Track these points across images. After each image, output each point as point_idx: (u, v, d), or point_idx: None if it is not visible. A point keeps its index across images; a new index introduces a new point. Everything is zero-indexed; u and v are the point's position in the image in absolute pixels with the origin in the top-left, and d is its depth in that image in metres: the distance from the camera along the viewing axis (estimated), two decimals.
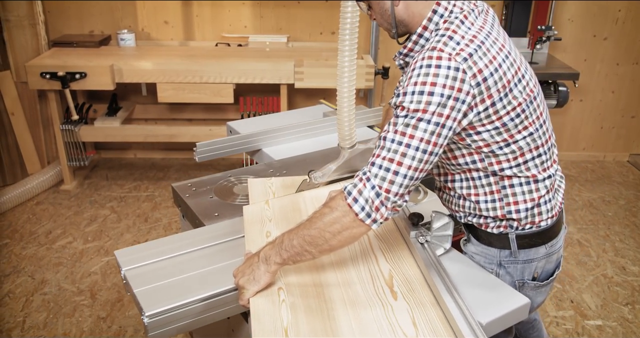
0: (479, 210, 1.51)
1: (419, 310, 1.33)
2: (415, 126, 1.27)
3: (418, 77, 1.28)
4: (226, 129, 2.54)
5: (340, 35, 1.65)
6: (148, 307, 1.33)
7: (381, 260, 1.52)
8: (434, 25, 1.38)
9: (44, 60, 3.68)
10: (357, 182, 1.31)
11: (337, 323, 1.29)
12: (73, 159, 3.93)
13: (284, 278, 1.43)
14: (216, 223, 1.71)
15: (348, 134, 1.78)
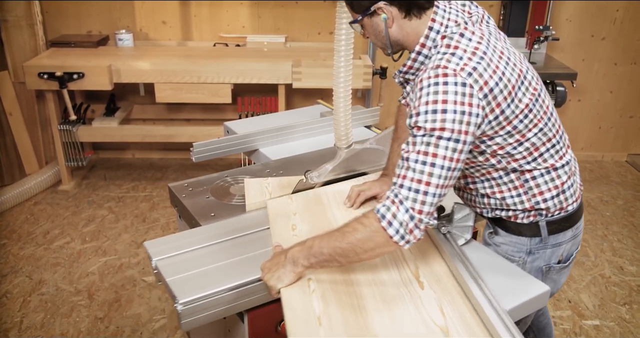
0: (506, 205, 1.57)
1: (446, 299, 1.37)
2: (436, 145, 1.29)
3: (428, 96, 1.30)
4: (223, 129, 2.54)
5: (336, 35, 1.65)
6: (181, 295, 1.37)
7: (406, 252, 1.56)
8: (432, 41, 1.41)
9: (41, 61, 3.68)
10: (390, 204, 1.33)
11: (367, 312, 1.32)
12: (71, 159, 3.93)
13: (313, 271, 1.46)
14: (238, 216, 1.75)
15: (344, 134, 1.78)
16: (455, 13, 1.44)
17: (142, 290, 2.92)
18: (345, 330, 1.26)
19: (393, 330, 1.27)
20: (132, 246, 3.31)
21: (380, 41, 1.49)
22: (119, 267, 3.11)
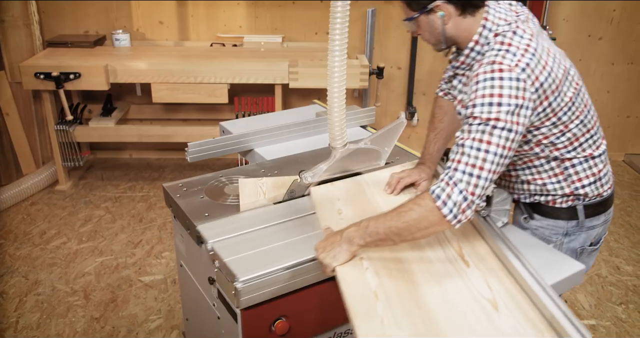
0: (547, 191, 1.71)
1: (491, 275, 1.45)
2: (490, 133, 1.40)
3: (485, 90, 1.42)
4: (219, 129, 2.54)
5: (330, 35, 1.64)
6: (240, 273, 1.45)
7: (448, 233, 1.63)
8: (484, 39, 1.53)
9: (38, 61, 3.68)
10: (444, 185, 1.41)
11: (419, 287, 1.40)
12: (68, 159, 3.93)
13: (363, 251, 1.51)
14: (283, 203, 1.83)
15: (339, 134, 1.77)
16: (504, 12, 1.54)
17: (138, 290, 2.92)
18: (401, 303, 1.34)
19: (445, 303, 1.36)
20: (129, 246, 3.31)
21: (435, 37, 1.60)
22: (115, 267, 3.11)
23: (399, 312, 1.32)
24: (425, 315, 1.31)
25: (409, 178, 1.86)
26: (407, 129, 4.53)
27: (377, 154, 1.96)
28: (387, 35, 4.24)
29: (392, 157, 2.10)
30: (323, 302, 1.63)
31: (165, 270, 3.08)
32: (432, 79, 4.40)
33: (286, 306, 1.56)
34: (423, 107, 4.47)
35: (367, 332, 1.25)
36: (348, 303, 1.33)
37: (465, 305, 1.35)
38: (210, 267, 1.62)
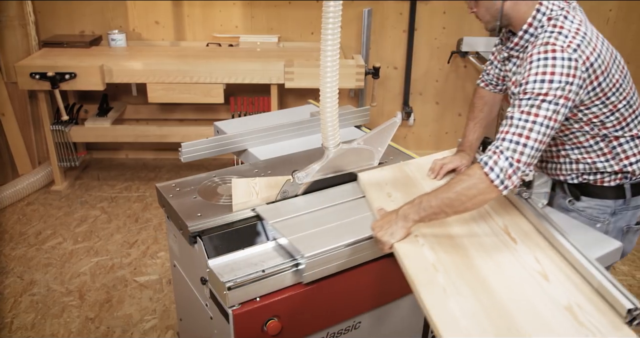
0: (596, 169, 1.81)
1: (539, 251, 1.55)
2: (538, 106, 1.51)
3: (538, 68, 1.54)
4: (213, 129, 2.54)
5: (323, 35, 1.64)
6: (305, 249, 1.53)
7: (493, 214, 1.73)
8: (538, 22, 1.64)
9: (33, 61, 3.68)
10: (491, 154, 1.52)
11: (473, 260, 1.50)
12: (63, 159, 3.92)
13: (417, 230, 1.61)
14: (331, 189, 1.92)
15: (331, 134, 1.78)
16: (557, 1, 1.66)
17: (134, 291, 2.91)
18: (459, 274, 1.44)
19: (499, 274, 1.45)
20: (124, 246, 3.30)
21: (491, 15, 1.70)
22: (111, 268, 3.11)
23: (458, 281, 1.42)
24: (483, 284, 1.41)
25: (451, 164, 1.95)
26: (404, 128, 4.53)
27: (370, 153, 1.96)
28: (383, 35, 4.25)
29: (386, 157, 2.10)
30: (315, 302, 1.64)
31: (161, 271, 3.07)
32: (428, 79, 4.40)
33: (278, 306, 1.56)
34: (419, 107, 4.48)
35: (432, 300, 1.35)
36: (410, 275, 1.44)
37: (519, 276, 1.45)
38: (203, 267, 1.63)
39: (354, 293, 1.71)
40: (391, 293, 1.84)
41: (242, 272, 1.52)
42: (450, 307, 1.33)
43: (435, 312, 1.32)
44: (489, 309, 1.33)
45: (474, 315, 1.31)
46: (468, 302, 1.35)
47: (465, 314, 1.31)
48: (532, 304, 1.36)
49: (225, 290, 1.47)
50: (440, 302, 1.35)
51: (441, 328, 1.27)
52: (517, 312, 1.33)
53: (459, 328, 1.27)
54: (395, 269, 1.76)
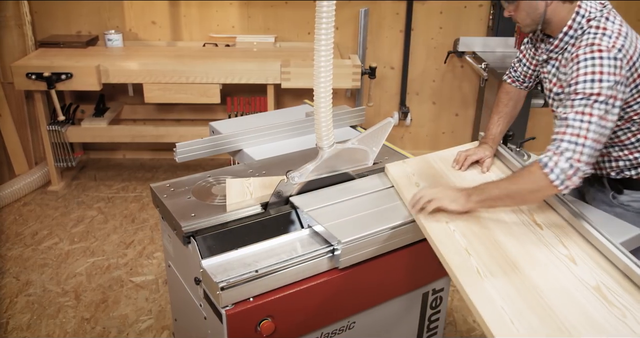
0: (637, 164, 1.85)
1: (564, 236, 1.63)
2: (592, 106, 1.57)
3: (586, 68, 1.60)
4: (209, 129, 2.54)
5: (316, 35, 1.64)
6: (341, 235, 1.60)
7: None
8: (577, 24, 1.69)
9: (30, 61, 3.68)
10: (552, 155, 1.58)
11: (503, 245, 1.57)
12: (60, 159, 3.92)
13: (445, 216, 1.69)
14: (358, 180, 1.98)
15: (326, 134, 1.78)
16: (594, 2, 1.70)
17: (130, 291, 2.91)
18: (490, 257, 1.52)
19: (528, 256, 1.53)
20: (121, 247, 3.30)
21: (532, 19, 1.74)
22: (107, 268, 3.10)
23: (490, 264, 1.49)
24: (513, 267, 1.49)
25: (475, 155, 2.02)
26: (401, 128, 4.53)
27: (365, 153, 1.96)
28: (380, 35, 4.25)
29: (381, 157, 2.10)
30: (309, 302, 1.64)
31: (157, 271, 3.07)
32: (425, 78, 4.40)
33: (272, 306, 1.56)
34: (416, 107, 4.48)
35: (468, 281, 1.43)
36: (446, 259, 1.51)
37: (547, 259, 1.53)
38: (196, 268, 1.62)
39: (348, 293, 1.71)
40: (386, 293, 1.84)
41: (235, 272, 1.52)
42: (486, 288, 1.41)
43: (472, 293, 1.39)
44: (522, 290, 1.40)
45: (508, 296, 1.38)
46: (501, 284, 1.42)
47: (500, 294, 1.38)
48: (562, 285, 1.43)
49: (219, 290, 1.47)
50: (476, 284, 1.42)
51: (480, 309, 1.34)
52: (548, 292, 1.40)
53: (495, 308, 1.34)
54: (388, 270, 1.77)
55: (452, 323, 2.74)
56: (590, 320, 1.32)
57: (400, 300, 1.91)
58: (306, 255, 1.60)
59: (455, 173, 2.00)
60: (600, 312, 1.34)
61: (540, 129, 4.23)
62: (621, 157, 1.86)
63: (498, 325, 1.29)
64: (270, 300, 1.55)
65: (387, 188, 1.93)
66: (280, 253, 1.62)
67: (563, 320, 1.31)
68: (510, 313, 1.33)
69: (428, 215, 1.69)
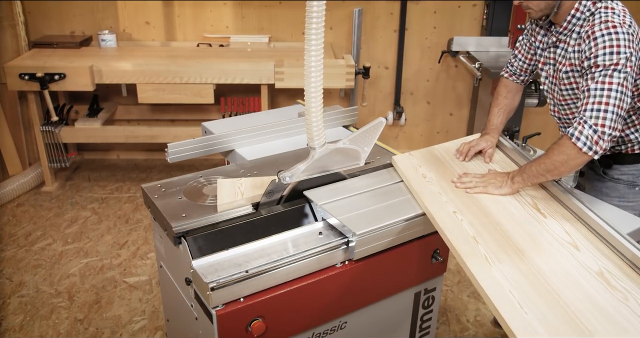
0: (629, 141, 1.97)
1: (567, 224, 1.70)
2: (611, 75, 1.70)
3: (605, 42, 1.72)
4: (201, 129, 2.53)
5: (306, 34, 1.64)
6: (355, 228, 1.64)
7: (522, 192, 1.87)
8: (584, 7, 1.82)
9: (23, 61, 3.67)
10: (576, 125, 1.71)
11: (508, 233, 1.64)
12: (54, 160, 3.91)
13: (452, 205, 1.77)
14: (371, 174, 2.03)
15: (317, 134, 1.77)
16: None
17: (123, 292, 2.91)
18: (497, 245, 1.58)
19: (533, 244, 1.60)
20: (114, 247, 3.30)
21: (548, 5, 1.85)
22: (100, 269, 3.10)
23: (497, 251, 1.56)
24: (519, 254, 1.55)
25: (477, 146, 2.10)
26: (395, 128, 4.54)
27: (356, 153, 1.95)
28: (374, 35, 4.25)
29: (372, 157, 2.10)
30: (300, 302, 1.64)
31: (151, 271, 3.07)
32: (419, 78, 4.41)
33: (262, 306, 1.56)
34: (410, 107, 4.48)
35: (477, 268, 1.49)
36: (455, 247, 1.58)
37: (551, 246, 1.60)
38: (187, 268, 1.62)
39: (340, 293, 1.71)
40: (377, 293, 1.84)
41: (225, 272, 1.52)
42: (494, 274, 1.47)
43: (482, 279, 1.45)
44: (528, 275, 1.47)
45: (516, 281, 1.44)
46: (508, 269, 1.49)
47: (508, 280, 1.45)
48: (566, 270, 1.49)
49: (209, 290, 1.47)
50: (485, 270, 1.49)
51: (490, 295, 1.40)
52: (553, 277, 1.46)
53: (504, 292, 1.40)
54: (381, 269, 1.77)
55: (446, 322, 2.75)
56: (594, 304, 1.38)
57: (392, 300, 1.91)
58: (319, 248, 1.64)
59: (459, 164, 2.06)
60: (604, 296, 1.40)
61: (535, 128, 4.23)
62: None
63: (508, 308, 1.35)
64: (260, 300, 1.55)
65: (395, 183, 1.97)
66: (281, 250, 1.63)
67: (569, 303, 1.38)
68: (519, 298, 1.39)
69: (436, 207, 1.77)
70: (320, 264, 1.65)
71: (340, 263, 1.69)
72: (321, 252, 1.63)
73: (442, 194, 1.84)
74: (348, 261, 1.70)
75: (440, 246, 1.88)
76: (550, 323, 1.32)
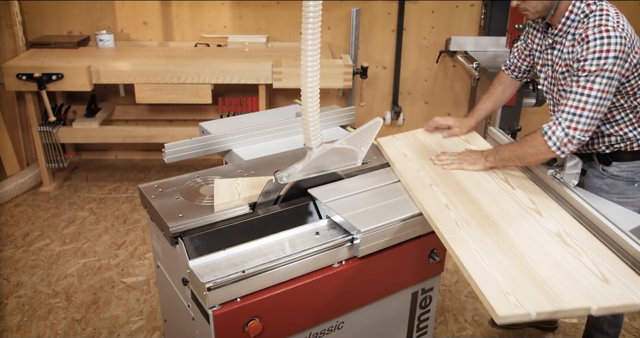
0: (627, 139, 2.01)
1: (534, 195, 1.86)
2: (593, 81, 1.76)
3: (595, 47, 1.76)
4: (199, 129, 2.53)
5: (303, 34, 1.64)
6: (361, 226, 1.66)
7: (495, 169, 2.02)
8: (577, 9, 1.86)
9: (21, 62, 3.66)
10: (551, 124, 1.82)
11: (479, 202, 1.80)
12: (52, 160, 3.91)
13: (429, 179, 1.93)
14: (372, 173, 2.05)
15: (314, 134, 1.77)
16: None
17: (121, 292, 2.90)
18: (468, 212, 1.74)
19: (500, 210, 1.76)
20: (112, 247, 3.29)
21: (544, 5, 1.89)
22: (98, 269, 3.10)
23: (467, 217, 1.71)
24: (487, 219, 1.71)
25: (444, 121, 2.26)
26: (393, 128, 4.54)
27: (353, 153, 1.95)
28: (372, 35, 4.25)
29: (369, 157, 2.10)
30: (297, 302, 1.64)
31: (148, 272, 3.07)
32: (417, 78, 4.41)
33: (259, 307, 1.56)
34: (408, 107, 4.48)
35: (447, 229, 1.64)
36: (429, 213, 1.72)
37: (516, 212, 1.76)
38: (184, 268, 1.62)
39: (336, 292, 1.71)
40: (375, 293, 1.84)
41: (222, 272, 1.52)
42: (462, 235, 1.62)
43: (451, 239, 1.60)
44: (493, 236, 1.62)
45: (481, 240, 1.60)
46: (476, 232, 1.64)
47: (474, 239, 1.60)
48: (528, 232, 1.66)
49: (205, 290, 1.46)
50: (454, 232, 1.63)
51: (456, 250, 1.55)
52: (515, 237, 1.62)
53: (469, 249, 1.56)
54: (378, 269, 1.77)
55: (443, 322, 2.75)
56: (549, 257, 1.55)
57: (390, 300, 1.91)
58: (316, 248, 1.64)
59: (438, 145, 2.21)
60: (559, 251, 1.58)
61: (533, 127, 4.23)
62: (612, 134, 2.01)
63: (471, 261, 1.51)
64: (257, 300, 1.54)
65: (393, 183, 1.99)
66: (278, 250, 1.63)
67: (527, 257, 1.54)
68: (482, 253, 1.54)
69: (414, 180, 1.92)
70: (317, 264, 1.65)
71: (337, 263, 1.69)
72: (318, 252, 1.63)
73: (421, 170, 2.00)
74: (346, 261, 1.70)
75: (438, 246, 1.88)
76: (508, 272, 1.47)
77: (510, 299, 1.37)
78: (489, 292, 1.39)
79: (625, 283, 1.44)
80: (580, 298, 1.39)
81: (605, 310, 1.38)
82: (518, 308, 1.35)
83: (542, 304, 1.37)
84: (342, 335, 1.83)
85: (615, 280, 1.46)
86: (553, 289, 1.42)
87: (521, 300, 1.37)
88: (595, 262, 1.53)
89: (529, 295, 1.39)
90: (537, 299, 1.38)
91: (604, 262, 1.53)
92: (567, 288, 1.42)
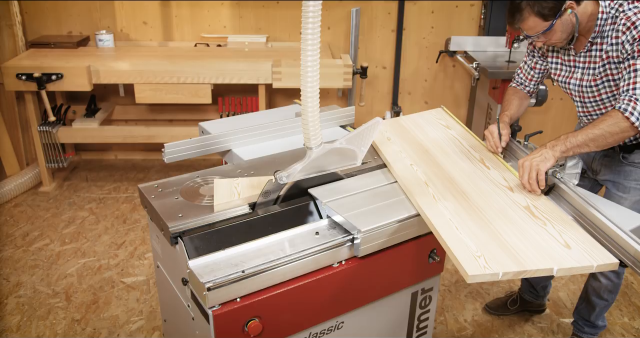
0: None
1: (507, 173, 1.99)
2: None
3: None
4: (198, 129, 2.53)
5: (303, 34, 1.64)
6: (361, 225, 1.67)
7: (472, 151, 2.14)
8: (605, 7, 1.92)
9: (20, 61, 3.66)
10: (628, 101, 1.83)
11: (455, 179, 1.93)
12: (51, 160, 3.91)
13: (410, 160, 2.05)
14: (371, 173, 2.05)
15: (313, 134, 1.77)
16: None
17: (120, 292, 2.90)
18: (445, 188, 1.87)
19: (474, 186, 1.89)
20: (112, 247, 3.29)
21: (567, 33, 1.96)
22: (98, 269, 3.09)
23: (444, 192, 1.84)
24: (462, 194, 1.84)
25: (505, 131, 2.18)
26: None
27: (353, 153, 1.95)
28: (372, 35, 4.25)
29: (369, 157, 2.10)
30: (297, 302, 1.64)
31: (148, 272, 3.07)
32: (417, 78, 4.41)
33: (259, 307, 1.56)
34: (408, 107, 4.48)
35: (425, 202, 1.77)
36: (409, 189, 1.85)
37: (489, 188, 1.89)
38: (184, 268, 1.62)
39: (336, 292, 1.71)
40: (375, 293, 1.84)
41: (222, 272, 1.52)
42: (439, 208, 1.75)
43: (428, 211, 1.73)
44: (467, 208, 1.76)
45: (456, 212, 1.73)
46: (451, 205, 1.77)
47: (449, 211, 1.74)
48: (499, 205, 1.79)
49: (205, 290, 1.47)
50: (431, 204, 1.77)
51: (433, 220, 1.68)
52: (487, 209, 1.76)
53: (445, 219, 1.69)
54: (378, 269, 1.77)
55: (443, 322, 2.74)
56: (518, 227, 1.67)
57: (389, 300, 1.91)
58: (315, 248, 1.64)
59: (419, 129, 2.31)
60: (526, 222, 1.71)
61: (533, 127, 4.23)
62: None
63: (446, 229, 1.64)
64: (257, 300, 1.55)
65: (392, 183, 2.00)
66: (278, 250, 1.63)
67: (497, 227, 1.67)
68: (456, 223, 1.68)
69: (395, 159, 2.05)
70: (317, 264, 1.65)
71: (337, 263, 1.69)
72: (318, 252, 1.63)
73: (402, 152, 2.11)
74: (346, 260, 1.70)
75: (437, 246, 1.88)
76: (479, 239, 1.61)
77: (480, 261, 1.51)
78: (461, 255, 1.53)
79: (585, 249, 1.59)
80: (543, 261, 1.54)
81: (566, 272, 1.53)
82: (487, 269, 1.49)
83: (508, 265, 1.51)
84: (342, 335, 1.83)
85: (576, 246, 1.60)
86: (519, 253, 1.56)
87: (490, 262, 1.51)
88: (560, 231, 1.67)
89: (497, 258, 1.53)
90: (504, 261, 1.52)
91: (567, 232, 1.67)
92: (532, 252, 1.57)
